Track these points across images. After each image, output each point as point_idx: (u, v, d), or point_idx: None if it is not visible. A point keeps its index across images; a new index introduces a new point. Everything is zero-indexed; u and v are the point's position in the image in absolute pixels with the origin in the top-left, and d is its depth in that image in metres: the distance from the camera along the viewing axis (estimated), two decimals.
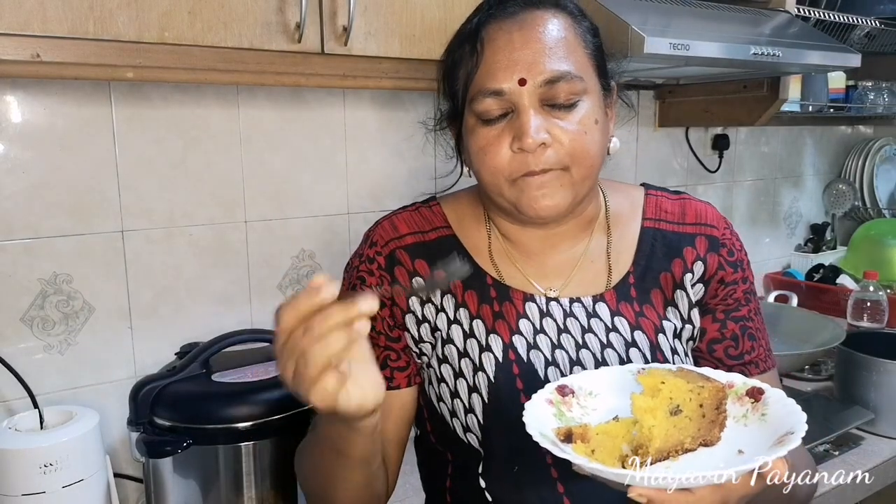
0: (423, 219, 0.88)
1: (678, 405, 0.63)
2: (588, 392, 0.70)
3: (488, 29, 0.77)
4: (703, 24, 1.31)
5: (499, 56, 0.75)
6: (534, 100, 0.74)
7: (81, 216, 1.14)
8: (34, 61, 0.82)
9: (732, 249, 0.87)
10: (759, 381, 0.68)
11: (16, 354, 1.09)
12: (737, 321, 0.87)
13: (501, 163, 0.75)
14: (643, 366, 0.72)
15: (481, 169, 0.78)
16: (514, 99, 0.74)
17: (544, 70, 0.74)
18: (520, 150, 0.74)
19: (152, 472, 1.06)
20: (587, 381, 0.71)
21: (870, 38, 1.84)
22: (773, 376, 0.90)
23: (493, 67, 0.75)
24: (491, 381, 0.79)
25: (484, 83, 0.75)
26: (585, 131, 0.75)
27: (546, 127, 0.74)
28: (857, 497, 1.25)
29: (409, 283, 0.84)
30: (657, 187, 0.92)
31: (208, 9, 0.90)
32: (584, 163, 0.76)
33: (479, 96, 0.76)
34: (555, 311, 0.83)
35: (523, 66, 0.74)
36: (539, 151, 0.74)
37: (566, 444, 0.61)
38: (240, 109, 1.26)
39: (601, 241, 0.87)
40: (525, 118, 0.73)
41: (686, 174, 2.02)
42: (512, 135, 0.75)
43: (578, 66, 0.76)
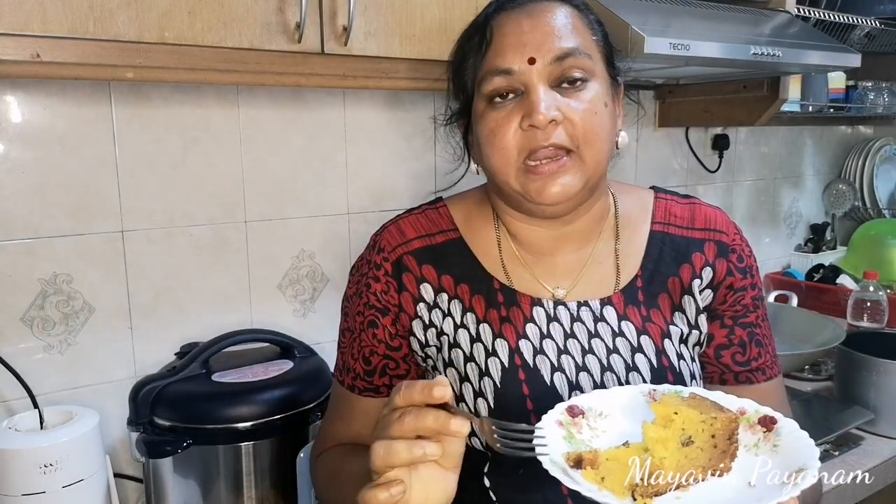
0: (429, 222, 0.87)
1: (690, 436, 0.62)
2: (598, 413, 0.68)
3: (497, 19, 0.77)
4: (703, 24, 1.31)
5: (508, 39, 0.75)
6: (543, 78, 0.74)
7: (81, 216, 1.14)
8: (34, 61, 0.82)
9: (742, 255, 0.87)
10: (772, 410, 0.67)
11: (16, 354, 1.09)
12: (745, 327, 0.87)
13: (510, 143, 0.75)
14: (654, 387, 0.71)
15: (491, 152, 0.77)
16: (523, 78, 0.74)
17: (553, 48, 0.74)
18: (530, 128, 0.73)
19: (152, 472, 1.06)
20: (597, 401, 0.69)
21: (870, 38, 1.84)
22: (779, 383, 0.90)
23: (502, 48, 0.75)
24: (497, 387, 0.79)
25: (493, 63, 0.76)
26: (595, 111, 0.75)
27: (556, 104, 0.74)
28: (857, 497, 1.25)
29: (417, 289, 0.84)
30: (667, 191, 0.92)
31: (208, 9, 0.90)
32: (594, 144, 0.75)
33: (488, 76, 0.76)
34: (562, 316, 0.82)
35: (532, 46, 0.74)
36: (549, 128, 0.73)
37: (576, 471, 0.60)
38: (240, 109, 1.26)
39: (610, 242, 0.86)
40: (535, 96, 0.73)
41: (686, 174, 2.02)
42: (521, 114, 0.74)
43: (586, 46, 0.76)
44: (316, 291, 1.39)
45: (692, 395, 0.67)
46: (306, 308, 1.39)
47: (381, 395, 0.86)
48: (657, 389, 0.70)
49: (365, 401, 0.87)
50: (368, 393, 0.86)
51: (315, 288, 1.39)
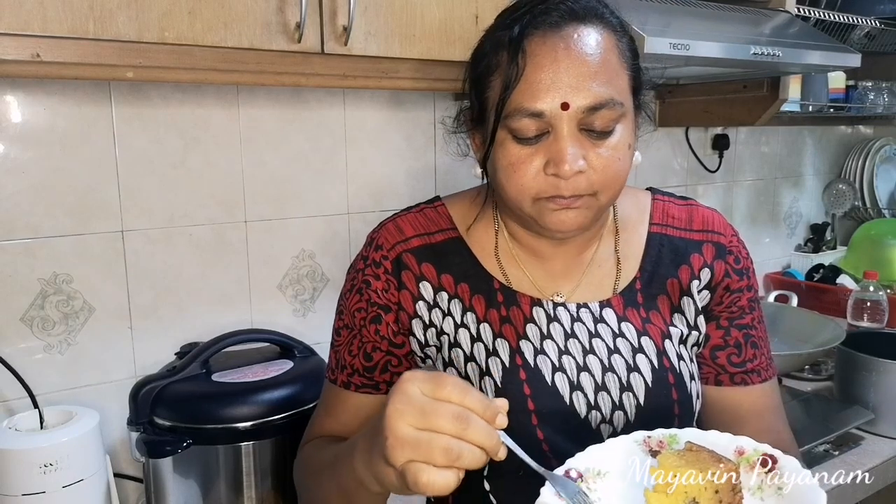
0: (428, 220, 0.87)
1: (694, 497, 0.61)
2: (596, 473, 0.67)
3: (531, 41, 0.72)
4: (703, 24, 1.31)
5: (542, 75, 0.71)
6: (573, 123, 0.71)
7: (81, 216, 1.14)
8: (34, 61, 0.82)
9: (739, 257, 0.87)
10: (770, 448, 0.66)
11: (16, 354, 1.09)
12: (740, 329, 0.87)
13: (530, 182, 0.73)
14: (648, 434, 0.69)
15: (507, 185, 0.75)
16: (553, 122, 0.71)
17: (588, 94, 0.70)
18: (553, 175, 0.72)
19: (152, 472, 1.06)
20: (594, 459, 0.67)
21: (870, 38, 1.84)
22: (774, 385, 0.90)
23: (535, 86, 0.71)
24: (498, 387, 0.79)
25: (523, 101, 0.71)
26: (619, 157, 0.73)
27: (582, 154, 0.72)
28: (857, 497, 1.25)
29: (416, 287, 0.83)
30: (664, 192, 0.92)
31: (208, 9, 0.90)
32: (613, 188, 0.74)
33: (516, 114, 0.72)
34: (562, 316, 0.82)
35: (567, 90, 0.70)
36: (573, 179, 0.72)
37: None
38: (240, 109, 1.26)
39: (609, 245, 0.86)
40: (563, 144, 0.71)
41: (686, 174, 2.02)
42: (545, 157, 0.72)
43: (620, 91, 0.73)
44: (316, 291, 1.39)
45: (688, 445, 0.65)
46: (306, 308, 1.39)
47: (381, 392, 0.84)
48: (651, 437, 0.69)
49: (359, 397, 0.85)
50: (366, 389, 0.85)
51: (315, 288, 1.39)
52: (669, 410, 0.80)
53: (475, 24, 1.10)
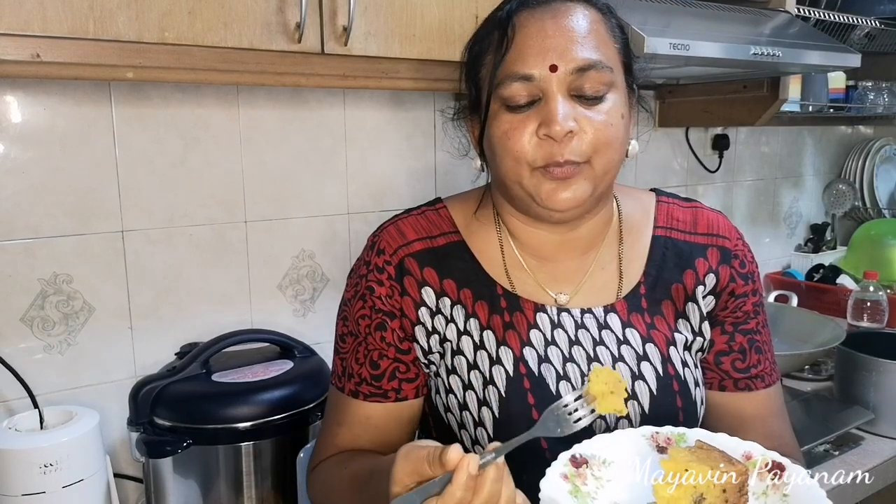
0: (429, 223, 0.86)
1: (702, 494, 0.62)
2: (602, 461, 0.68)
3: (520, 16, 0.75)
4: (703, 24, 1.31)
5: (530, 41, 0.73)
6: (563, 87, 0.73)
7: (81, 216, 1.14)
8: (34, 61, 0.82)
9: (744, 261, 0.87)
10: (779, 455, 0.66)
11: (16, 354, 1.09)
12: (745, 334, 0.86)
13: (524, 148, 0.74)
14: (657, 429, 0.70)
15: (503, 155, 0.75)
16: (542, 85, 0.73)
17: (576, 57, 0.72)
18: (546, 137, 0.72)
19: (152, 472, 1.06)
20: (601, 447, 0.69)
21: (870, 38, 1.84)
22: (777, 390, 0.89)
23: (523, 52, 0.73)
24: (502, 396, 0.78)
25: (513, 67, 0.74)
26: (612, 123, 0.74)
27: (573, 115, 0.72)
28: (858, 497, 1.25)
29: (418, 293, 0.82)
30: (668, 193, 0.91)
31: (208, 9, 0.90)
32: (606, 154, 0.74)
33: (507, 80, 0.74)
34: (566, 323, 0.81)
35: (555, 53, 0.72)
36: (565, 140, 0.72)
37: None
38: (240, 109, 1.26)
39: (613, 247, 0.85)
40: (553, 105, 0.72)
41: (686, 174, 2.02)
42: (538, 121, 0.73)
43: (608, 57, 0.75)
44: (316, 291, 1.39)
45: (698, 443, 0.66)
46: (306, 308, 1.39)
47: (389, 400, 0.83)
48: (659, 433, 0.69)
49: (368, 406, 0.84)
50: (374, 398, 0.83)
51: (315, 288, 1.39)
52: (674, 418, 0.79)
53: (475, 23, 1.10)
